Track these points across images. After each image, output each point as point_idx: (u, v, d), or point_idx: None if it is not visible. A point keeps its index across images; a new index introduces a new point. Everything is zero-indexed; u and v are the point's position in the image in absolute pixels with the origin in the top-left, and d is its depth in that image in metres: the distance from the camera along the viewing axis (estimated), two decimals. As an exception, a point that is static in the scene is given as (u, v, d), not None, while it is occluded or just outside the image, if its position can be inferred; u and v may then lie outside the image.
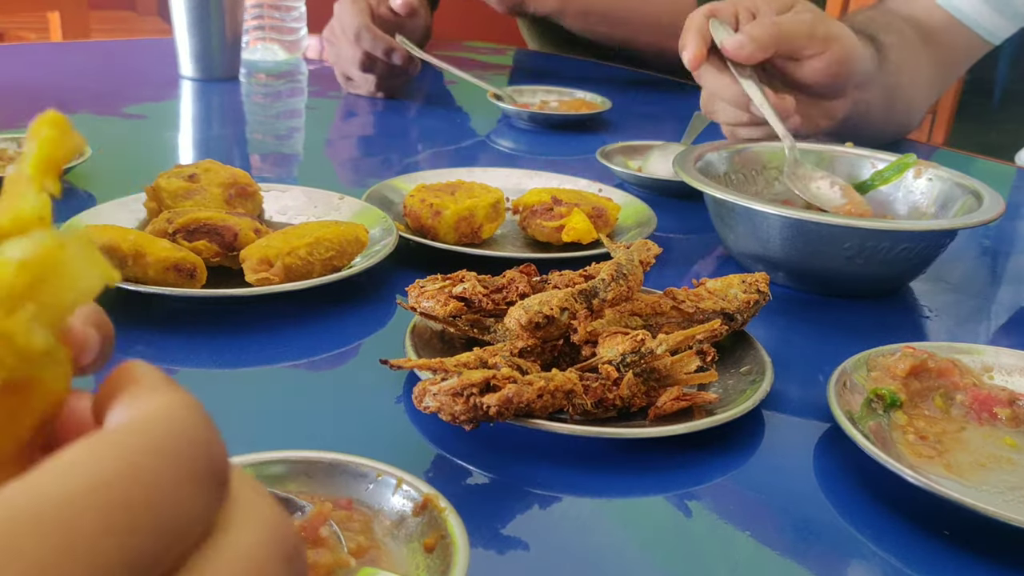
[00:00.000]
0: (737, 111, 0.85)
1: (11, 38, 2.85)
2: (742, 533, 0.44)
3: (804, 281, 0.72)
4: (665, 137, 1.05)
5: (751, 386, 0.52)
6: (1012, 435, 0.52)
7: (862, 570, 0.43)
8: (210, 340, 0.58)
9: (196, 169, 0.74)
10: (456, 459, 0.48)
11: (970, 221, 0.68)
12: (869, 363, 0.55)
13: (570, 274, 0.58)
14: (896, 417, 0.52)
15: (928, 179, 0.80)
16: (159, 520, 0.19)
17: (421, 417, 0.50)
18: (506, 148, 1.11)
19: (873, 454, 0.45)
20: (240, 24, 1.32)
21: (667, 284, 0.61)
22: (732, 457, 0.50)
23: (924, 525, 0.45)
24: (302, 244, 0.63)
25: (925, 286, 0.76)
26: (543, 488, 0.46)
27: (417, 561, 0.37)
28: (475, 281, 0.56)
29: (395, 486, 0.40)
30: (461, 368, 0.48)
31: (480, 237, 0.74)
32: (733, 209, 0.72)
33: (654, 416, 0.49)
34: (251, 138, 1.12)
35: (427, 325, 0.57)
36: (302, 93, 1.37)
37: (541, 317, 0.51)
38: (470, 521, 0.38)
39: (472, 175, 0.86)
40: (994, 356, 0.57)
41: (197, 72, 1.31)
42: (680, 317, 0.57)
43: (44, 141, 0.24)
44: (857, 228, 0.66)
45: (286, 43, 1.49)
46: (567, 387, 0.47)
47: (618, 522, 0.45)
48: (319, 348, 0.59)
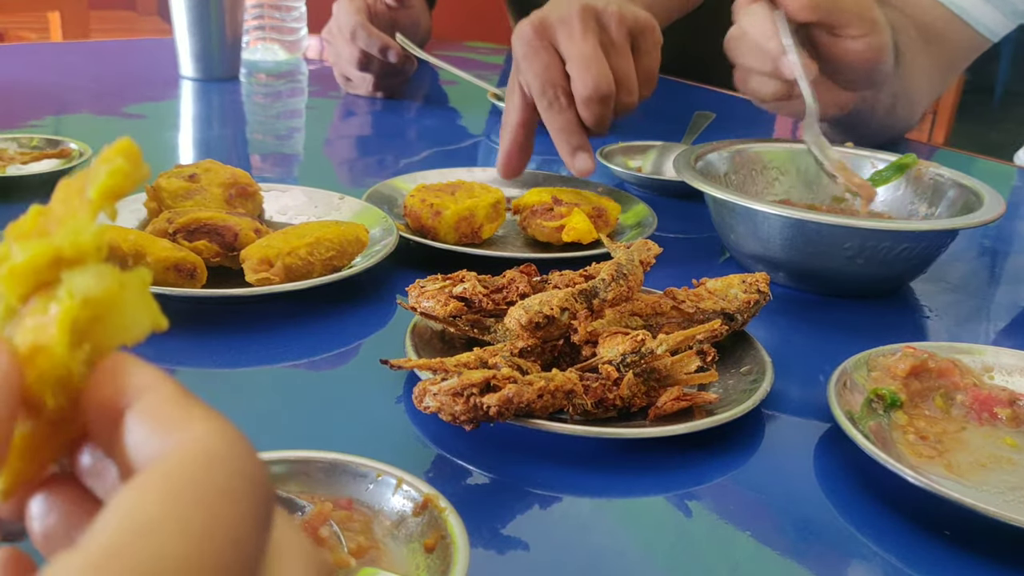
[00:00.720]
0: (761, 58, 0.82)
1: (11, 38, 2.85)
2: (742, 533, 0.44)
3: (804, 281, 0.72)
4: (665, 137, 1.05)
5: (751, 386, 0.52)
6: (1012, 435, 0.52)
7: (862, 570, 0.43)
8: (210, 340, 0.58)
9: (196, 169, 0.74)
10: (456, 459, 0.48)
11: (970, 221, 0.68)
12: (869, 363, 0.54)
13: (570, 274, 0.58)
14: (896, 417, 0.52)
15: (928, 179, 0.80)
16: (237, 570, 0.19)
17: (421, 417, 0.50)
18: (506, 148, 1.11)
19: (873, 454, 0.45)
20: (240, 24, 1.32)
21: (667, 284, 0.60)
22: (732, 457, 0.50)
23: (924, 525, 0.45)
24: (302, 244, 0.63)
25: (925, 286, 0.76)
26: (543, 488, 0.46)
27: (417, 561, 0.37)
28: (475, 281, 0.56)
29: (395, 486, 0.40)
30: (461, 368, 0.48)
31: (480, 237, 0.74)
32: (733, 209, 0.72)
33: (654, 416, 0.49)
34: (251, 138, 1.12)
35: (427, 325, 0.57)
36: (302, 93, 1.37)
37: (541, 317, 0.51)
38: (470, 521, 0.38)
39: (472, 175, 0.86)
40: (994, 356, 0.57)
41: (197, 72, 1.31)
42: (680, 317, 0.57)
43: (115, 171, 0.24)
44: (858, 228, 0.66)
45: (286, 43, 1.49)
46: (567, 387, 0.47)
47: (618, 522, 0.45)
48: (319, 348, 0.59)
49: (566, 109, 0.77)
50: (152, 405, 0.22)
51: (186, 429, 0.21)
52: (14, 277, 0.23)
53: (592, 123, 0.76)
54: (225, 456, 0.20)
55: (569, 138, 0.77)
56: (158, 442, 0.21)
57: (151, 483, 0.19)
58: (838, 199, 0.83)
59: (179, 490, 0.19)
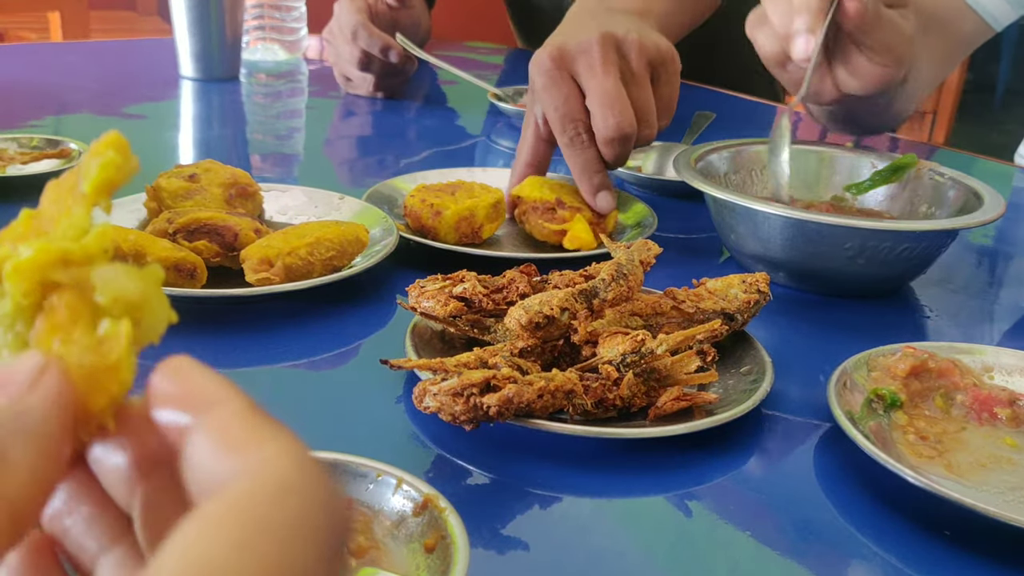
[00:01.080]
0: (780, 40, 0.78)
1: (11, 38, 2.85)
2: (742, 533, 0.44)
3: (805, 281, 0.72)
4: (665, 137, 1.05)
5: (751, 386, 0.52)
6: (1012, 435, 0.52)
7: (862, 570, 0.43)
8: (210, 340, 0.58)
9: (196, 169, 0.74)
10: (456, 459, 0.48)
11: (970, 221, 0.68)
12: (869, 363, 0.54)
13: (570, 274, 0.58)
14: (896, 417, 0.52)
15: (928, 179, 0.80)
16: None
17: (421, 417, 0.50)
18: (506, 148, 1.11)
19: (873, 454, 0.45)
20: (240, 24, 1.32)
21: (667, 284, 0.60)
22: (732, 457, 0.50)
23: (924, 525, 0.45)
24: (302, 244, 0.63)
25: (925, 286, 0.76)
26: (543, 488, 0.46)
27: (417, 561, 0.37)
28: (475, 281, 0.56)
29: (395, 486, 0.40)
30: (461, 368, 0.48)
31: (480, 237, 0.74)
32: (734, 209, 0.72)
33: (654, 416, 0.49)
34: (251, 138, 1.12)
35: (427, 325, 0.57)
36: (302, 93, 1.37)
37: (541, 317, 0.51)
38: (470, 521, 0.38)
39: (472, 175, 0.86)
40: (994, 356, 0.57)
41: (197, 72, 1.31)
42: (680, 317, 0.57)
43: (107, 163, 0.24)
44: (858, 228, 0.66)
45: (286, 43, 1.49)
46: (567, 387, 0.47)
47: (618, 522, 0.45)
48: (319, 348, 0.59)
49: (588, 147, 0.76)
50: (220, 422, 0.21)
51: (256, 452, 0.20)
52: (20, 273, 0.22)
53: (612, 160, 0.76)
54: (298, 485, 0.19)
55: (592, 177, 0.76)
56: (226, 465, 0.20)
57: (216, 516, 0.18)
58: (838, 199, 0.83)
59: (247, 526, 0.18)
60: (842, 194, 0.83)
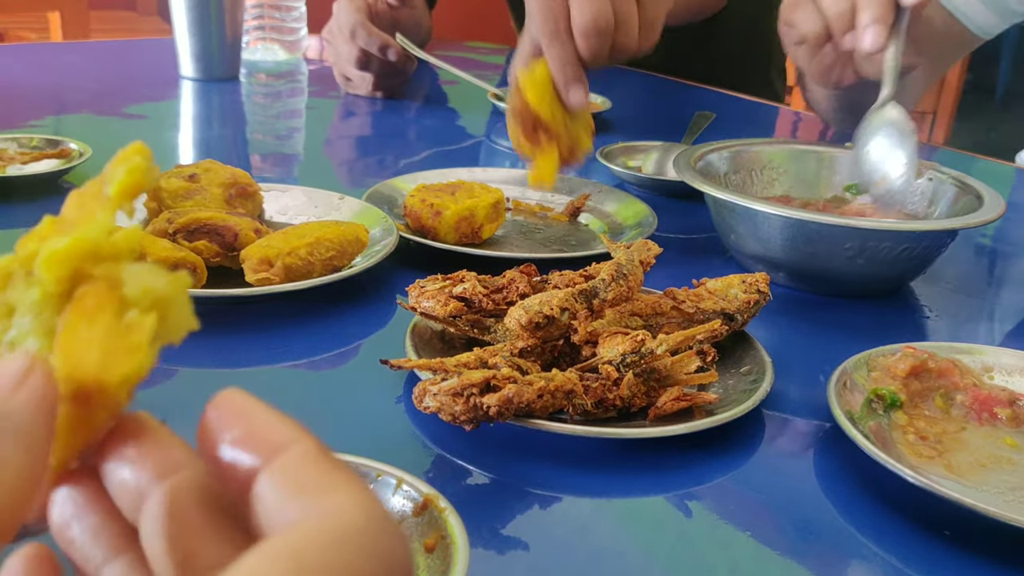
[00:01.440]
0: (822, 29, 0.80)
1: (11, 38, 2.85)
2: (742, 533, 0.44)
3: (805, 281, 0.72)
4: (665, 137, 1.05)
5: (751, 386, 0.52)
6: (1012, 435, 0.52)
7: (862, 570, 0.43)
8: (210, 340, 0.58)
9: (196, 169, 0.74)
10: (456, 459, 0.48)
11: (970, 221, 0.68)
12: (869, 363, 0.54)
13: (570, 274, 0.58)
14: (896, 417, 0.52)
15: (928, 179, 0.80)
16: None
17: (421, 417, 0.50)
18: (506, 148, 1.11)
19: (873, 454, 0.45)
20: (240, 24, 1.32)
21: (667, 284, 0.60)
22: (732, 457, 0.50)
23: (924, 525, 0.45)
24: (302, 244, 0.63)
25: (925, 286, 0.76)
26: (543, 488, 0.46)
27: (417, 561, 0.37)
28: (475, 281, 0.56)
29: (395, 486, 0.40)
30: (461, 368, 0.47)
31: (480, 237, 0.74)
32: (733, 209, 0.72)
33: (654, 416, 0.49)
34: (251, 138, 1.12)
35: (427, 325, 0.57)
36: (302, 93, 1.37)
37: (541, 317, 0.51)
38: (470, 521, 0.38)
39: (472, 175, 0.86)
40: (994, 356, 0.57)
41: (197, 72, 1.31)
42: (680, 317, 0.57)
43: (134, 168, 0.25)
44: (858, 228, 0.66)
45: (286, 43, 1.49)
46: (567, 387, 0.47)
47: (618, 522, 0.45)
48: (319, 348, 0.59)
49: (566, 42, 0.77)
50: (290, 467, 0.21)
51: (324, 498, 0.20)
52: (54, 261, 0.23)
53: (588, 56, 0.77)
54: (362, 532, 0.19)
55: (566, 69, 0.77)
56: (296, 507, 0.20)
57: (275, 552, 0.18)
58: (838, 198, 0.83)
59: (303, 564, 0.18)
60: (842, 194, 0.83)
